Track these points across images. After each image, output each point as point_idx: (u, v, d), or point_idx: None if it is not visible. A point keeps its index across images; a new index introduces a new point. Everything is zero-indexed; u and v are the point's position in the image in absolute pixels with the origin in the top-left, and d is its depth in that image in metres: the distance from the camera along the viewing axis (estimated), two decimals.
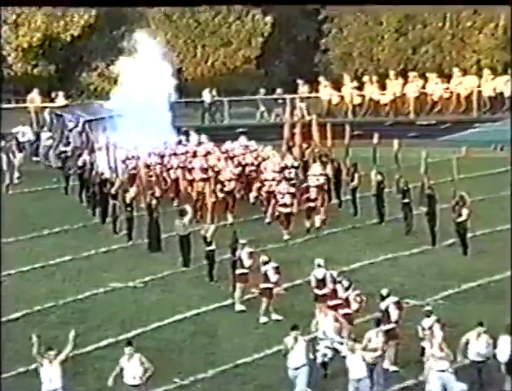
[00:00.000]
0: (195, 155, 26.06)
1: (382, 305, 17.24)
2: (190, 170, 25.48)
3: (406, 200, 23.32)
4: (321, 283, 18.64)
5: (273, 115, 33.58)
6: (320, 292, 18.64)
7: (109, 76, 35.62)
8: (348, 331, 17.54)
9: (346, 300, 17.84)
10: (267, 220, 23.92)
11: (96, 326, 19.27)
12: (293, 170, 24.84)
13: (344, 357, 16.16)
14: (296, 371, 16.07)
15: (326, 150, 26.20)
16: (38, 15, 36.15)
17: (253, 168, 25.56)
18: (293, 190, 23.32)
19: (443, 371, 15.64)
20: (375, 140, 25.77)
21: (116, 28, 36.68)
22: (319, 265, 18.87)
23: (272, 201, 23.61)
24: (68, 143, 29.93)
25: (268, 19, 36.78)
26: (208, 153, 26.01)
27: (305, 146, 26.57)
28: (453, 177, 22.78)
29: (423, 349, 16.70)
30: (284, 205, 23.07)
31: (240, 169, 25.28)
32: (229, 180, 24.49)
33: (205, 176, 24.69)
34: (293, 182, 24.25)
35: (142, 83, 26.74)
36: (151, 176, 25.64)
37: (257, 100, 34.39)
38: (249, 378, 16.96)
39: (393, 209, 23.98)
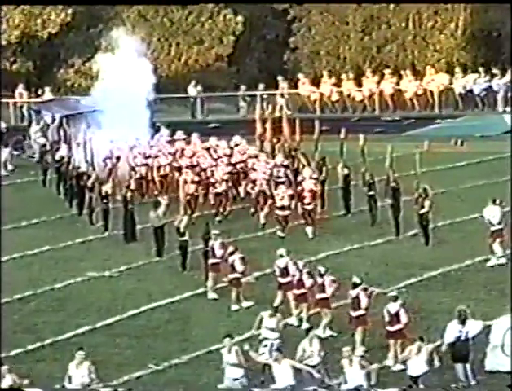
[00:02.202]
0: (182, 153, 25.39)
1: (353, 293, 17.36)
2: (179, 170, 24.71)
3: (371, 193, 23.43)
4: (284, 271, 18.76)
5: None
6: (283, 280, 18.77)
7: (86, 72, 35.49)
8: (327, 316, 17.73)
9: (322, 285, 17.97)
10: (262, 221, 22.95)
11: (74, 313, 19.24)
12: (282, 169, 24.16)
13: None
14: (234, 381, 15.67)
15: (295, 144, 26.28)
16: (16, 13, 35.87)
17: (241, 165, 24.71)
18: (290, 192, 22.59)
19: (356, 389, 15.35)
20: (342, 135, 25.91)
21: (93, 26, 36.53)
22: (281, 256, 18.96)
23: (269, 202, 22.68)
24: (45, 138, 29.75)
25: (239, 18, 36.81)
26: (194, 153, 25.32)
27: (275, 140, 26.62)
28: (416, 170, 22.95)
29: (388, 332, 16.84)
30: (282, 208, 22.45)
31: (230, 168, 24.46)
32: (220, 181, 23.81)
33: (195, 178, 23.86)
34: (282, 180, 23.66)
35: (119, 79, 26.54)
36: (139, 177, 25.07)
37: (238, 96, 34.24)
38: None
39: (359, 201, 24.08)
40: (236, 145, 25.93)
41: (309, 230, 22.56)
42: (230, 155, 25.33)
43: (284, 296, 18.68)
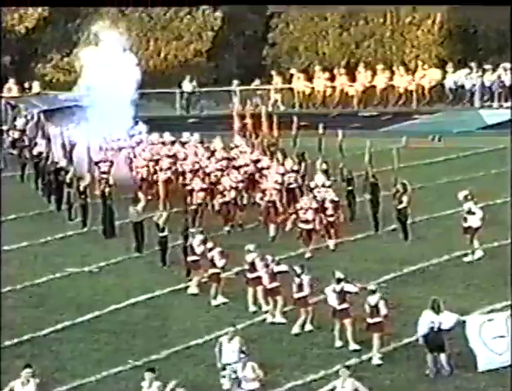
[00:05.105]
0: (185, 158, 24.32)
1: (337, 288, 17.40)
2: (182, 174, 23.80)
3: (350, 188, 23.45)
4: (252, 267, 18.75)
5: (252, 104, 32.08)
6: (250, 276, 18.76)
7: (64, 67, 35.27)
8: (306, 314, 17.76)
9: (300, 285, 17.95)
10: (272, 234, 21.79)
11: (53, 309, 19.13)
12: (292, 175, 23.36)
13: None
14: None
15: (274, 140, 26.27)
16: None
17: (247, 169, 23.50)
18: (315, 205, 21.16)
19: None
20: (320, 130, 25.91)
21: (71, 21, 36.30)
22: (249, 251, 18.91)
23: (293, 217, 21.40)
24: (23, 133, 29.51)
25: (218, 14, 36.75)
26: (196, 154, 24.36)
27: (254, 136, 26.59)
28: (394, 166, 22.98)
29: (369, 325, 16.90)
30: (306, 221, 20.98)
31: (236, 173, 23.07)
32: (229, 189, 22.44)
33: (203, 185, 22.83)
34: (292, 186, 23.02)
35: (104, 75, 26.25)
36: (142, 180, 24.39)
37: (231, 91, 34.12)
38: (201, 359, 16.98)
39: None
40: (236, 146, 25.11)
41: (331, 242, 21.38)
42: (228, 159, 24.36)
43: (254, 292, 18.66)
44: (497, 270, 20.11)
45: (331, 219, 21.64)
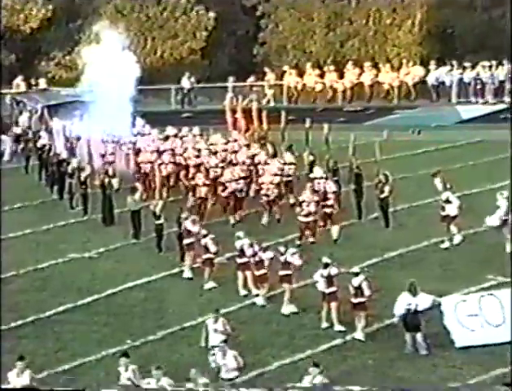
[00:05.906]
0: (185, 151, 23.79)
1: (325, 273, 17.30)
2: (186, 168, 23.41)
3: (335, 178, 23.31)
4: (241, 253, 18.69)
5: (247, 100, 31.62)
6: (240, 261, 18.69)
7: (66, 65, 35.20)
8: (290, 292, 17.68)
9: (285, 262, 17.93)
10: (264, 221, 21.60)
11: (55, 293, 19.06)
12: (292, 167, 23.07)
13: None
14: None
15: (264, 133, 26.16)
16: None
17: (247, 165, 23.02)
18: (316, 198, 20.85)
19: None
20: (307, 124, 25.80)
21: (73, 21, 36.21)
22: (238, 237, 18.84)
23: (297, 209, 20.90)
24: (28, 127, 29.36)
25: (211, 14, 36.68)
26: (199, 150, 23.84)
27: (244, 129, 26.46)
28: (376, 158, 22.91)
29: (354, 305, 16.84)
30: (308, 214, 20.73)
31: (238, 167, 22.67)
32: (230, 181, 22.06)
33: (206, 181, 22.26)
34: (290, 178, 22.78)
35: (104, 72, 26.03)
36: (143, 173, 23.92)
37: (227, 87, 33.91)
38: (195, 340, 16.91)
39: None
40: (235, 140, 24.69)
41: (334, 229, 21.01)
42: (227, 150, 23.89)
43: (243, 276, 18.58)
44: (473, 256, 20.12)
45: (329, 210, 21.38)
